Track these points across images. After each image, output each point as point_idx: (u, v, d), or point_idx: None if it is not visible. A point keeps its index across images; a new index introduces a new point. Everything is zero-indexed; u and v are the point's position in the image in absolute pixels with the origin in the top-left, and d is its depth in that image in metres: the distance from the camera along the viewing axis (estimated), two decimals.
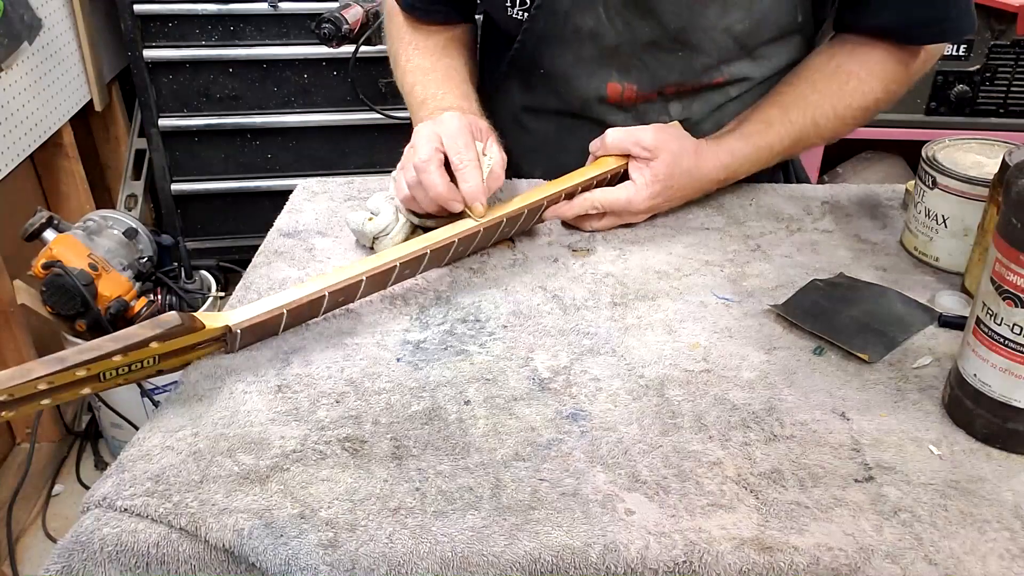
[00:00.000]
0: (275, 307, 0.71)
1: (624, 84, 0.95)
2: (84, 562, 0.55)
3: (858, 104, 0.92)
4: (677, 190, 0.90)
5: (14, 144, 1.76)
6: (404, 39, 1.03)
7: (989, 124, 1.80)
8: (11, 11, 1.72)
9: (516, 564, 0.52)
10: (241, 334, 0.70)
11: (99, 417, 1.92)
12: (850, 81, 0.91)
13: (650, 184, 0.87)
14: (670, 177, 0.88)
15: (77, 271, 1.67)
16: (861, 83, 0.91)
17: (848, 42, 0.93)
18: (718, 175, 0.92)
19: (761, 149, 0.92)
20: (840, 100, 0.91)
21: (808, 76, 0.93)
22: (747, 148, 0.91)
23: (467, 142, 0.81)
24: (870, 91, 0.92)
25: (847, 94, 0.91)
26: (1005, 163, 0.73)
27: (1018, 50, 1.73)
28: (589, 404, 0.65)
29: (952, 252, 0.82)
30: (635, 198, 0.88)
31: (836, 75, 0.92)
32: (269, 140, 2.32)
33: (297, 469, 0.59)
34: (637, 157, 0.88)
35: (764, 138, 0.91)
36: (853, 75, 0.91)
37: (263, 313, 0.70)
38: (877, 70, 0.92)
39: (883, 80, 0.92)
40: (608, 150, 0.89)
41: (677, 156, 0.88)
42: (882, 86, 0.92)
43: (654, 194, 0.88)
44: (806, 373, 0.69)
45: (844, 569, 0.52)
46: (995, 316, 0.59)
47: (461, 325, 0.75)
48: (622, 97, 0.96)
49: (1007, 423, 0.60)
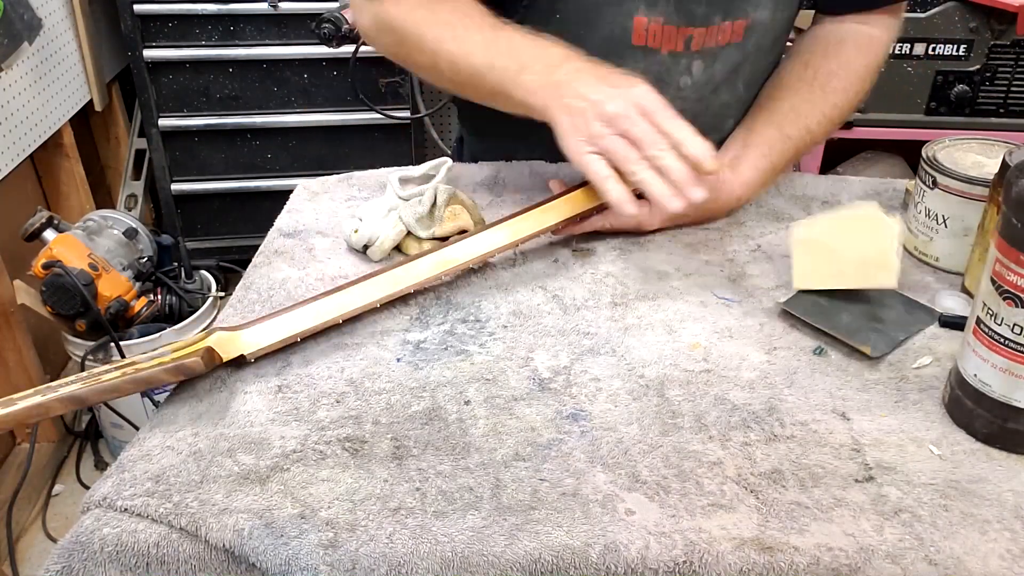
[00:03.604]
0: (289, 335, 0.71)
1: (650, 17, 0.90)
2: (84, 562, 0.55)
3: (843, 101, 0.94)
4: (690, 218, 0.90)
5: (14, 144, 1.76)
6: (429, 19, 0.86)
7: (989, 124, 1.80)
8: (11, 11, 1.72)
9: (516, 564, 0.52)
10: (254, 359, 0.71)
11: (99, 417, 1.92)
12: (831, 82, 0.93)
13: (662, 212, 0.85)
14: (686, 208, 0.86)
15: (77, 271, 1.67)
16: (842, 80, 0.94)
17: (819, 40, 0.96)
18: (730, 206, 0.92)
19: (766, 172, 0.92)
20: (826, 102, 0.93)
21: (791, 87, 0.95)
22: (755, 176, 0.91)
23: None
24: (851, 85, 0.94)
25: (831, 94, 0.93)
26: (1005, 163, 0.73)
27: (1018, 50, 1.73)
28: (589, 404, 0.65)
29: (952, 252, 0.82)
30: (648, 222, 0.88)
31: (816, 80, 0.94)
32: (269, 140, 2.32)
33: (297, 469, 0.59)
34: None
35: (769, 161, 0.92)
36: (833, 75, 0.94)
37: (278, 341, 0.71)
38: (854, 64, 0.95)
39: (861, 69, 0.95)
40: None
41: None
42: (861, 75, 0.95)
43: (664, 220, 0.88)
44: (806, 373, 0.69)
45: (844, 569, 0.52)
46: (995, 316, 0.59)
47: (461, 325, 0.75)
48: (647, 33, 0.90)
49: (1007, 423, 0.60)
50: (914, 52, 1.75)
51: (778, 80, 0.97)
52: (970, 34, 1.72)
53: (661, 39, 0.91)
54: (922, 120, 1.82)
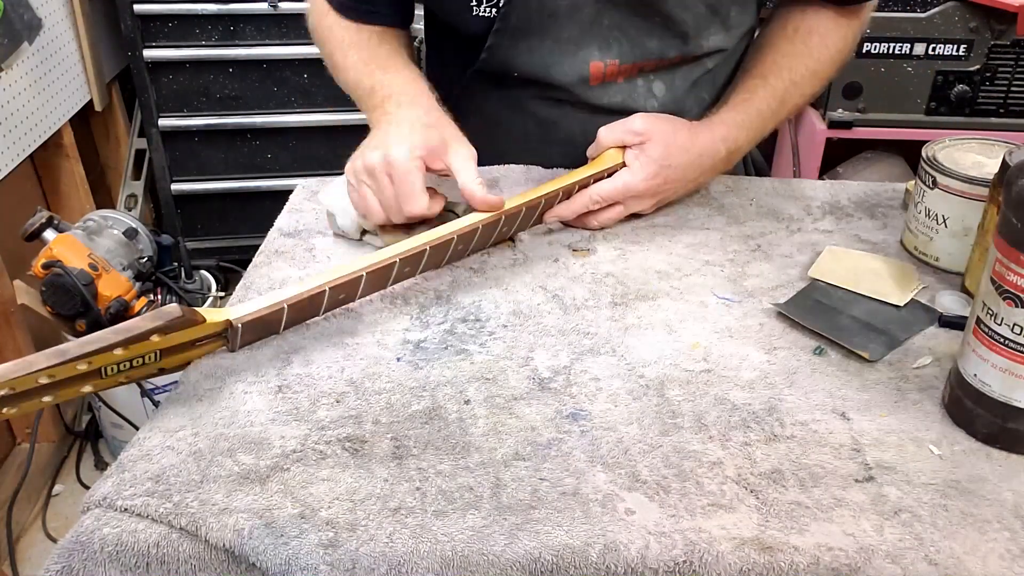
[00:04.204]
0: (276, 302, 0.71)
1: (606, 60, 0.94)
2: (84, 562, 0.55)
3: (827, 57, 0.97)
4: (677, 169, 0.89)
5: (14, 144, 1.76)
6: (336, 38, 0.98)
7: (989, 124, 1.80)
8: (11, 11, 1.72)
9: (516, 564, 0.52)
10: (242, 329, 0.70)
11: (99, 417, 1.92)
12: (812, 37, 0.96)
13: (645, 165, 0.87)
14: (666, 156, 0.88)
15: (77, 271, 1.67)
16: (823, 37, 0.96)
17: (796, 8, 0.98)
18: (716, 147, 0.92)
19: (752, 115, 0.93)
20: (810, 57, 0.96)
21: (773, 44, 0.97)
22: (739, 116, 0.93)
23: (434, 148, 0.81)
24: (833, 44, 0.97)
25: (814, 49, 0.96)
26: (1005, 163, 0.73)
27: (1018, 50, 1.73)
28: (589, 404, 0.65)
29: (952, 252, 0.82)
30: (631, 180, 0.88)
31: (798, 36, 0.96)
32: (269, 140, 2.32)
33: (297, 469, 0.59)
34: (631, 144, 0.88)
35: (752, 104, 0.94)
36: (814, 32, 0.96)
37: (264, 308, 0.70)
38: (831, 25, 0.97)
39: (840, 33, 0.97)
40: (602, 147, 0.90)
41: (670, 134, 0.88)
42: (841, 37, 0.97)
43: (651, 175, 0.88)
44: (806, 373, 0.69)
45: (844, 569, 0.52)
46: (995, 316, 0.59)
47: (461, 324, 0.75)
48: (604, 74, 0.95)
49: (1007, 423, 0.60)
50: (914, 52, 1.75)
51: (757, 46, 0.99)
52: (970, 34, 1.72)
53: (617, 74, 0.96)
54: (922, 120, 1.82)
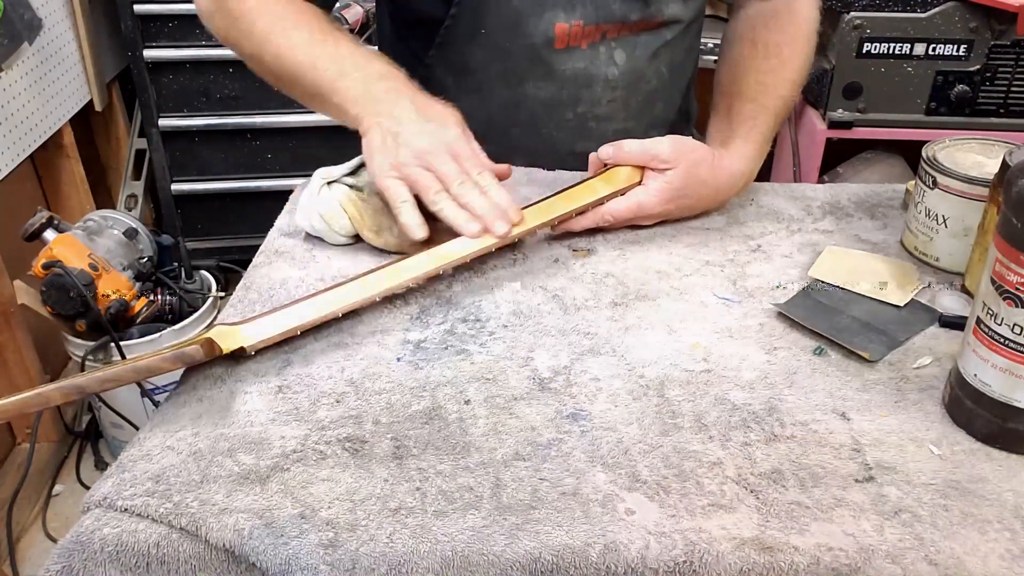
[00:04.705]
0: (289, 328, 0.71)
1: (571, 21, 0.95)
2: (84, 562, 0.55)
3: (800, 64, 0.99)
4: (691, 199, 0.90)
5: (14, 144, 1.76)
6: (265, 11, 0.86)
7: (989, 124, 1.79)
8: (11, 11, 1.72)
9: (516, 564, 0.52)
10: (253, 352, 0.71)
11: (99, 417, 1.92)
12: (783, 50, 0.98)
13: (663, 191, 0.87)
14: (684, 187, 0.88)
15: (77, 271, 1.67)
16: (790, 46, 0.99)
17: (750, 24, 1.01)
18: (734, 183, 0.92)
19: (760, 143, 0.95)
20: (785, 69, 0.98)
21: (749, 67, 0.98)
22: (751, 147, 0.94)
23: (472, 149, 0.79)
24: (801, 49, 0.99)
25: (787, 60, 0.98)
26: (1005, 163, 0.73)
27: (1018, 50, 1.73)
28: (589, 404, 0.65)
29: (952, 252, 0.82)
30: (646, 202, 0.87)
31: (768, 52, 0.98)
32: (269, 140, 2.31)
33: (297, 469, 0.59)
34: (655, 169, 0.88)
35: (759, 131, 0.95)
36: (782, 44, 0.98)
37: (278, 334, 0.71)
38: (791, 29, 0.99)
39: (802, 32, 1.00)
40: (621, 161, 0.88)
41: (692, 166, 0.88)
42: (807, 35, 1.00)
43: (666, 200, 0.88)
44: (806, 373, 0.69)
45: (845, 569, 0.52)
46: (995, 316, 0.59)
47: (461, 325, 0.75)
48: (569, 36, 0.96)
49: (1007, 423, 0.60)
50: (914, 52, 1.75)
51: (733, 66, 1.00)
52: (970, 34, 1.72)
53: (581, 37, 0.97)
54: (922, 120, 1.82)
